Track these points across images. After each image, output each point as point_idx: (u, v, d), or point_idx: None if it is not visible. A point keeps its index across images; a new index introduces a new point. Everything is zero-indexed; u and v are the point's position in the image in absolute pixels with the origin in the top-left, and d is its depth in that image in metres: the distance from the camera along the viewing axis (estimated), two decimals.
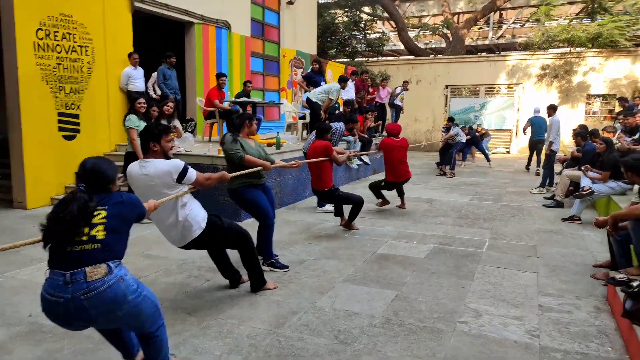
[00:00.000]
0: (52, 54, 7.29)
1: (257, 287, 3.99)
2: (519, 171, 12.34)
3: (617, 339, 3.19)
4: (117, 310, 2.26)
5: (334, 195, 5.91)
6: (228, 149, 4.31)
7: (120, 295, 2.25)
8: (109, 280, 2.22)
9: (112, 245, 2.30)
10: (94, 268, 2.21)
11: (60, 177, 7.58)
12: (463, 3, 25.44)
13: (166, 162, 3.25)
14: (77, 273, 2.18)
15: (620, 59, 15.81)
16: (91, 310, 2.19)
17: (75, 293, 2.17)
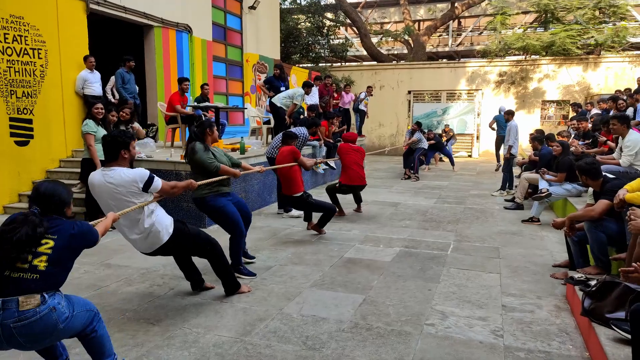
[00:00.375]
0: (3, 57, 6.96)
1: (231, 291, 3.96)
2: (481, 174, 12.65)
3: (577, 337, 3.28)
4: (47, 337, 2.30)
5: (305, 202, 5.87)
6: (202, 159, 4.23)
7: (51, 325, 2.27)
8: (40, 310, 2.22)
9: (50, 277, 2.29)
10: (27, 298, 2.20)
11: (13, 185, 7.24)
12: (423, 11, 26.03)
13: (131, 171, 3.19)
14: (9, 301, 2.18)
15: (572, 66, 16.50)
16: (20, 338, 2.19)
17: (5, 320, 2.16)
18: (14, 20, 7.08)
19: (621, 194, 3.66)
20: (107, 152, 3.21)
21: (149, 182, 3.21)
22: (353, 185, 7.14)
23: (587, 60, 16.46)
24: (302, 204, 5.94)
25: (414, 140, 11.54)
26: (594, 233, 3.87)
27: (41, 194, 2.42)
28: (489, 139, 17.53)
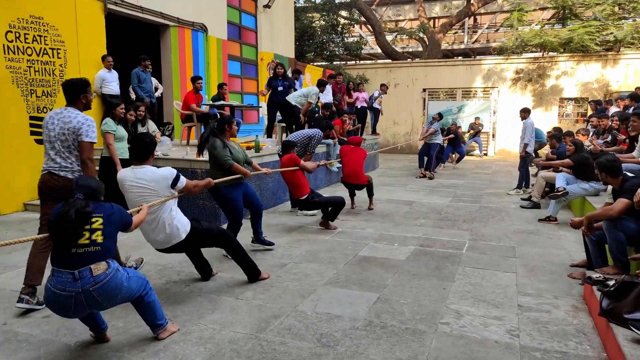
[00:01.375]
0: (23, 57, 7.10)
1: (253, 278, 4.24)
2: (497, 172, 12.54)
3: (594, 338, 3.25)
4: (118, 294, 2.78)
5: (312, 202, 6.13)
6: (220, 155, 4.62)
7: (119, 282, 2.77)
8: (109, 272, 2.73)
9: (108, 247, 2.78)
10: (97, 265, 2.69)
11: (33, 182, 7.31)
12: (439, 8, 25.83)
13: (161, 169, 3.61)
14: (84, 270, 2.65)
15: (591, 63, 16.24)
16: (99, 298, 2.69)
17: (84, 286, 2.64)
18: (34, 21, 7.21)
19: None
20: (139, 152, 3.59)
21: (176, 179, 3.63)
22: (349, 183, 7.34)
23: (606, 57, 16.18)
24: (310, 205, 6.18)
25: (432, 131, 11.39)
26: (612, 232, 3.82)
27: (81, 184, 2.83)
28: (505, 137, 17.37)
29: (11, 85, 6.95)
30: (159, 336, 3.14)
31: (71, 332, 3.28)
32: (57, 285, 2.63)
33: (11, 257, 4.97)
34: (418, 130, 18.48)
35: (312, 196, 6.11)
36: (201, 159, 6.57)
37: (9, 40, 6.87)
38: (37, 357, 2.95)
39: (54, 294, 2.64)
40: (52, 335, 3.25)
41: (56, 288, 2.63)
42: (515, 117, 14.34)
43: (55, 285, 2.63)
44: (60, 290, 2.62)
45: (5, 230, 6.15)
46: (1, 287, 4.16)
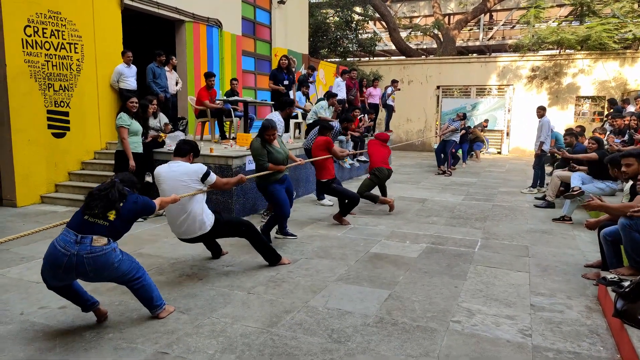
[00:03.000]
0: (41, 51, 7.20)
1: (273, 262, 4.58)
2: (511, 171, 12.43)
3: (608, 339, 3.21)
4: (105, 270, 3.00)
5: (330, 187, 6.36)
6: (256, 157, 5.13)
7: (110, 261, 3.00)
8: (106, 248, 2.97)
9: (115, 228, 3.04)
10: (99, 237, 2.96)
11: (50, 175, 7.50)
12: (454, 4, 25.59)
13: (194, 165, 4.01)
14: (86, 237, 2.93)
15: (609, 61, 15.99)
16: (87, 267, 2.92)
17: (80, 251, 2.90)
18: (52, 16, 7.31)
19: None
20: (180, 148, 4.04)
21: (206, 175, 3.96)
22: (380, 168, 7.14)
23: (625, 55, 15.92)
24: (327, 189, 6.41)
25: (452, 129, 11.38)
26: (628, 232, 3.77)
27: (122, 177, 3.25)
28: (519, 136, 17.20)
29: (29, 79, 7.06)
30: (159, 315, 3.36)
31: (86, 323, 3.33)
32: (60, 242, 2.92)
33: (28, 248, 5.05)
34: (432, 128, 18.39)
35: (333, 182, 6.38)
36: (214, 154, 6.63)
37: (27, 34, 6.97)
38: (52, 346, 3.01)
39: (54, 249, 2.92)
40: (67, 325, 3.31)
41: (58, 244, 2.92)
42: (530, 115, 14.25)
43: (59, 242, 2.93)
44: (60, 247, 2.90)
45: (22, 222, 6.26)
46: (18, 278, 4.24)
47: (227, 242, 5.39)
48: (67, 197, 7.33)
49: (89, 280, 3.09)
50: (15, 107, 6.89)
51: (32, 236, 5.51)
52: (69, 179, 7.76)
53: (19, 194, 7.04)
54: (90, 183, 7.54)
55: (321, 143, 6.39)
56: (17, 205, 7.01)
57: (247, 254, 4.95)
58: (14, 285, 4.05)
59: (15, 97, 6.88)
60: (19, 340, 3.09)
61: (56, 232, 3.30)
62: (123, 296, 3.76)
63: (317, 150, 6.42)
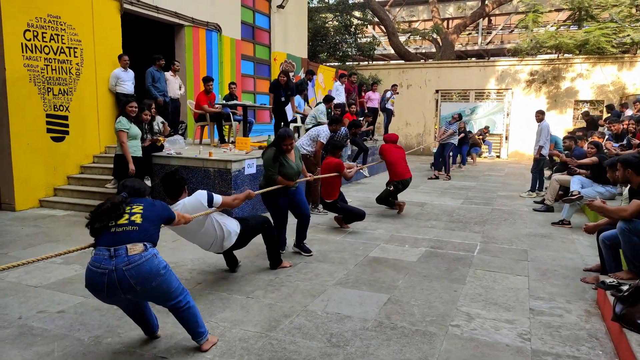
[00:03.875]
0: (40, 55, 7.21)
1: (274, 265, 4.63)
2: (510, 175, 12.44)
3: (607, 343, 3.21)
4: (152, 280, 2.70)
5: (334, 207, 6.26)
6: (266, 167, 4.83)
7: (155, 268, 2.71)
8: (145, 255, 2.69)
9: (147, 230, 2.79)
10: (134, 245, 2.68)
11: (49, 179, 7.50)
12: (452, 9, 25.69)
13: (193, 196, 3.71)
14: (120, 249, 2.65)
15: (607, 65, 16.03)
16: (131, 279, 2.63)
17: (118, 265, 2.61)
18: (52, 20, 7.32)
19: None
20: (171, 191, 3.69)
21: (210, 200, 3.72)
22: (405, 179, 7.24)
23: (623, 60, 15.95)
24: (331, 208, 6.31)
25: (451, 132, 11.42)
26: (627, 236, 3.78)
27: (127, 184, 3.01)
28: (518, 140, 17.22)
29: (28, 83, 7.06)
30: (202, 347, 3.00)
31: (85, 327, 3.32)
32: (94, 263, 2.65)
33: (27, 252, 5.05)
34: (430, 132, 18.40)
35: (338, 201, 6.27)
36: (214, 158, 6.64)
37: (27, 39, 6.98)
38: (50, 351, 3.00)
39: (90, 272, 2.65)
40: (65, 330, 3.30)
41: (93, 265, 2.65)
42: (529, 119, 14.27)
43: (93, 263, 2.65)
44: (96, 268, 2.63)
45: (21, 226, 6.25)
46: (17, 282, 4.23)
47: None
48: (66, 201, 7.32)
49: (139, 298, 2.82)
50: (14, 111, 6.89)
51: (30, 240, 5.53)
52: (68, 183, 7.76)
53: (18, 197, 7.03)
54: (89, 187, 7.54)
55: (332, 166, 6.11)
56: (15, 209, 7.00)
57: (245, 258, 4.95)
58: (12, 289, 4.04)
59: (15, 101, 6.89)
60: (17, 344, 3.08)
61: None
62: None
63: (327, 171, 6.14)
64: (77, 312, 3.58)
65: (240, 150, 7.50)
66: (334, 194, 6.24)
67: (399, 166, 7.20)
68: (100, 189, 7.33)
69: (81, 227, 6.08)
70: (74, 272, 4.48)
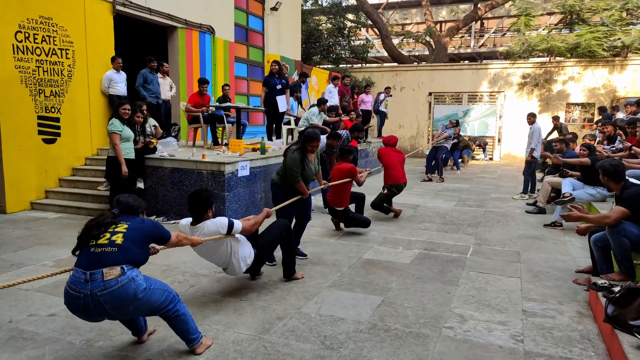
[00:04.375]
0: (32, 57, 7.16)
1: (288, 275, 4.39)
2: (502, 177, 12.50)
3: (599, 344, 3.23)
4: (128, 305, 2.62)
5: (346, 216, 6.17)
6: (290, 168, 4.70)
7: (131, 293, 2.61)
8: (121, 280, 2.58)
9: (128, 251, 2.66)
10: (110, 269, 2.58)
11: (40, 181, 7.44)
12: (445, 12, 25.81)
13: (213, 224, 3.54)
14: (95, 273, 2.57)
15: (598, 68, 16.17)
16: (106, 305, 2.56)
17: (93, 289, 2.54)
18: (44, 21, 7.27)
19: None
20: (196, 212, 3.54)
21: (230, 228, 3.57)
22: (400, 184, 7.23)
23: (614, 63, 16.11)
24: (341, 217, 6.22)
25: (446, 136, 11.47)
26: (616, 238, 3.80)
27: (120, 200, 2.92)
28: (510, 142, 17.32)
29: (20, 85, 7.01)
30: (195, 351, 2.98)
31: (76, 331, 3.30)
32: (71, 285, 2.59)
33: (18, 255, 5.00)
34: (424, 134, 18.46)
35: (349, 210, 6.21)
36: (207, 160, 6.61)
37: (18, 40, 6.93)
38: (42, 355, 2.97)
39: (67, 294, 2.61)
40: (57, 333, 3.27)
41: (69, 287, 2.60)
42: (521, 122, 14.36)
43: (69, 284, 2.60)
44: (72, 290, 2.58)
45: (12, 228, 6.19)
46: None
47: None
48: (58, 203, 7.27)
49: (116, 319, 2.80)
50: (5, 113, 6.83)
51: (21, 243, 5.48)
52: (59, 185, 7.70)
53: (9, 200, 6.97)
54: (81, 189, 7.49)
55: (345, 172, 6.05)
56: (6, 211, 6.93)
57: None
58: (2, 292, 3.99)
59: (6, 103, 6.83)
60: (8, 348, 3.05)
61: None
62: None
63: (340, 177, 6.05)
64: (69, 316, 3.53)
65: (233, 152, 7.48)
66: (345, 201, 6.13)
67: (395, 170, 7.18)
68: (92, 191, 7.28)
69: (73, 230, 6.07)
70: (65, 275, 4.42)
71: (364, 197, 6.58)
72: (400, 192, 7.38)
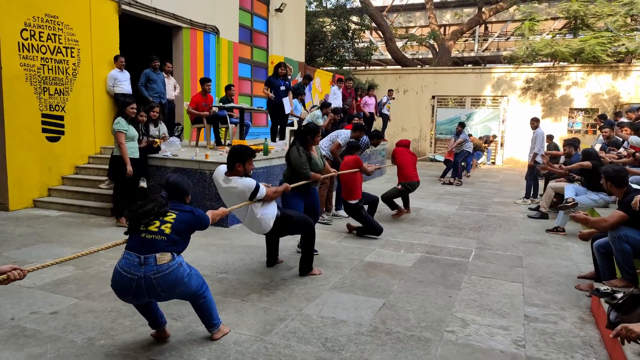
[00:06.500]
0: (37, 55, 7.18)
1: (304, 271, 4.56)
2: (505, 181, 12.49)
3: (601, 350, 3.22)
4: (176, 288, 2.87)
5: (357, 212, 6.19)
6: (297, 165, 4.84)
7: (180, 277, 2.86)
8: (172, 265, 2.83)
9: (174, 242, 2.89)
10: (162, 255, 2.81)
11: (43, 179, 7.45)
12: (449, 15, 25.83)
13: (243, 182, 3.95)
14: (149, 257, 2.78)
15: (602, 74, 16.16)
16: (158, 287, 2.79)
17: (147, 273, 2.76)
18: (49, 19, 7.30)
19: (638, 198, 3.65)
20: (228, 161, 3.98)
21: (254, 193, 3.95)
22: (413, 182, 7.33)
23: (617, 69, 16.10)
24: (354, 212, 6.21)
25: (460, 141, 11.67)
26: (618, 244, 3.80)
27: (170, 183, 3.09)
28: (513, 146, 17.31)
29: (25, 82, 7.03)
30: (213, 336, 3.18)
31: (78, 329, 3.30)
32: (124, 267, 2.78)
33: (20, 252, 5.01)
34: (426, 137, 18.45)
35: (362, 207, 6.24)
36: (210, 160, 6.62)
37: (24, 38, 6.95)
38: (43, 353, 2.98)
39: (119, 275, 2.78)
40: (59, 331, 3.27)
41: (122, 269, 2.78)
42: (524, 126, 14.34)
43: (122, 267, 2.78)
44: (125, 272, 2.76)
45: (15, 226, 6.20)
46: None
47: (221, 248, 5.38)
48: (60, 201, 7.28)
49: (160, 300, 2.98)
50: (9, 110, 6.85)
51: (23, 240, 5.49)
52: (62, 183, 7.71)
53: (12, 197, 6.98)
54: (84, 188, 7.50)
55: (351, 163, 6.29)
56: (9, 209, 6.95)
57: (241, 261, 4.94)
58: (5, 289, 4.00)
59: (10, 101, 6.85)
60: (9, 345, 3.06)
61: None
62: (115, 302, 3.72)
63: (346, 169, 6.23)
64: (71, 314, 3.55)
65: None
66: (357, 193, 6.19)
67: (408, 169, 7.30)
68: (95, 190, 7.29)
69: (75, 228, 6.09)
70: (67, 273, 4.45)
71: (377, 200, 6.64)
72: (414, 189, 7.47)
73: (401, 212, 7.42)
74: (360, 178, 6.33)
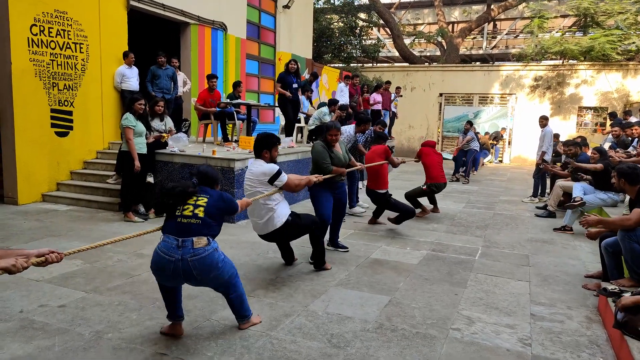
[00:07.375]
0: (46, 50, 7.23)
1: (318, 266, 4.63)
2: (512, 180, 12.42)
3: (608, 350, 3.21)
4: (211, 271, 2.97)
5: (387, 200, 6.29)
6: (318, 159, 4.95)
7: (215, 261, 2.97)
8: (208, 249, 2.94)
9: (208, 225, 2.99)
10: (199, 239, 2.92)
11: (52, 173, 7.51)
12: (458, 13, 25.69)
13: (265, 165, 4.01)
14: (186, 240, 2.90)
15: (611, 72, 16.02)
16: (194, 270, 2.90)
17: (184, 255, 2.87)
18: (59, 15, 7.34)
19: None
20: (255, 147, 4.09)
21: (274, 177, 3.97)
22: (440, 183, 7.33)
23: (627, 67, 15.95)
24: (384, 202, 6.32)
25: (468, 139, 11.78)
26: (627, 243, 3.77)
27: (200, 170, 3.24)
28: (521, 145, 17.22)
29: (34, 78, 7.08)
30: (240, 326, 3.29)
31: (86, 322, 3.33)
32: (163, 249, 2.90)
33: (28, 246, 5.06)
34: (433, 135, 18.39)
35: (391, 195, 6.36)
36: (217, 156, 6.64)
37: (33, 33, 7.00)
38: (51, 345, 3.01)
39: (158, 256, 2.91)
40: (67, 324, 3.30)
41: (161, 251, 2.90)
42: (532, 124, 14.27)
43: (162, 249, 2.91)
44: (164, 254, 2.88)
45: (24, 220, 6.26)
46: (18, 275, 4.21)
47: (228, 244, 5.40)
48: (69, 195, 7.34)
49: (195, 284, 3.07)
50: (19, 105, 6.90)
51: (32, 234, 5.54)
52: (71, 178, 7.77)
53: (21, 192, 7.04)
54: (92, 182, 7.55)
55: (381, 151, 6.42)
56: (18, 203, 7.01)
57: (247, 257, 4.95)
58: (14, 282, 4.04)
59: (20, 96, 6.90)
60: (18, 337, 3.09)
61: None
62: (123, 296, 3.75)
63: (375, 158, 6.38)
64: (78, 307, 3.59)
65: (243, 149, 7.50)
66: (384, 183, 6.30)
67: (435, 170, 7.30)
68: (103, 185, 7.34)
69: (83, 222, 6.14)
70: (75, 267, 4.49)
71: (413, 211, 6.38)
72: (440, 191, 7.47)
73: (425, 212, 7.42)
74: (387, 168, 6.46)
